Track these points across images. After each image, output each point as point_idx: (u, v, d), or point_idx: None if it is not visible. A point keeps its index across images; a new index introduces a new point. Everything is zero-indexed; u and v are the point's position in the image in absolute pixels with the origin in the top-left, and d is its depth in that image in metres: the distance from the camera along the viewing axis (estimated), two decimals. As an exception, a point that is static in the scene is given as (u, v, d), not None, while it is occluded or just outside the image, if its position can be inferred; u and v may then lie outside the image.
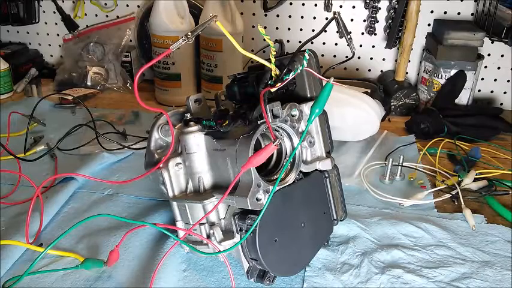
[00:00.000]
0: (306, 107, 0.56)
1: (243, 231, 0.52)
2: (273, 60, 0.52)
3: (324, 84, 0.54)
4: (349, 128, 0.90)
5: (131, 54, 1.31)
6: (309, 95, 0.59)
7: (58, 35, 1.38)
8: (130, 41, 1.33)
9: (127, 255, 0.61)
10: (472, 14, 1.21)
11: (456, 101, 1.13)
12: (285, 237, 0.53)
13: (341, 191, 0.63)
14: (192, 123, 0.58)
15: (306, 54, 0.54)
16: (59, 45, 1.40)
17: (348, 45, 0.57)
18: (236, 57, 1.20)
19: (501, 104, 1.28)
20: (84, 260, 0.58)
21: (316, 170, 0.59)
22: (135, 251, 0.62)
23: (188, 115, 0.59)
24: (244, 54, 0.52)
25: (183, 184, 0.59)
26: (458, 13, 1.22)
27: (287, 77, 0.52)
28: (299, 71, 0.53)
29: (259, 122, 0.52)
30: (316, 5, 1.28)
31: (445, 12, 1.22)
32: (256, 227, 0.50)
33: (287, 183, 0.54)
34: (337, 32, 0.57)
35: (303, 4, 1.29)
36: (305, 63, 0.53)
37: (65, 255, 0.60)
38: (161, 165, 0.59)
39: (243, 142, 0.51)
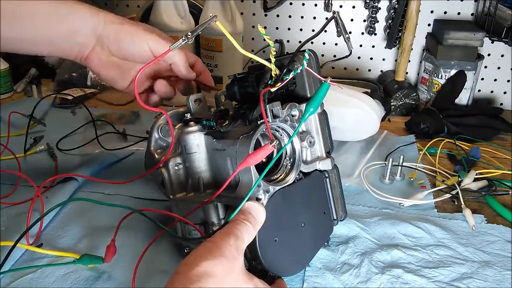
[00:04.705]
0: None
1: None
2: (273, 60, 0.52)
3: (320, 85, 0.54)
4: (349, 128, 0.90)
5: (131, 54, 1.30)
6: (309, 95, 0.59)
7: (58, 35, 1.39)
8: (131, 41, 1.33)
9: (127, 255, 0.61)
10: (472, 14, 1.22)
11: (456, 101, 1.13)
12: (285, 237, 0.53)
13: (341, 191, 0.63)
14: (192, 123, 0.58)
15: (306, 54, 0.54)
16: (59, 45, 1.40)
17: (346, 43, 0.57)
18: (236, 57, 1.21)
19: (501, 104, 1.29)
20: (82, 255, 0.58)
21: (316, 170, 0.59)
22: (135, 250, 0.62)
23: (188, 115, 0.59)
24: (244, 54, 0.52)
25: (183, 184, 0.59)
26: (458, 13, 1.22)
27: (287, 77, 0.52)
28: (299, 71, 0.53)
29: (259, 122, 0.52)
30: (316, 5, 1.28)
31: (445, 12, 1.22)
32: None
33: (287, 183, 0.54)
34: (337, 31, 0.57)
35: (303, 4, 1.29)
36: (305, 63, 0.53)
37: (64, 255, 0.60)
38: (161, 165, 0.59)
39: (243, 142, 0.51)
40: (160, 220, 0.57)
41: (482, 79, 1.26)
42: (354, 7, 1.27)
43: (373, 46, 1.30)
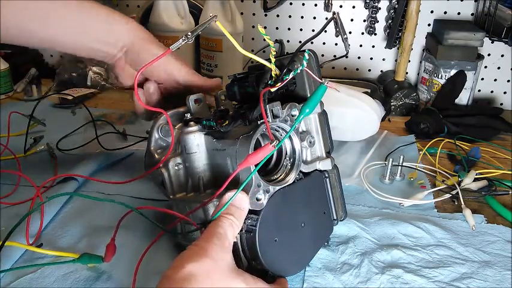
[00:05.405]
0: (305, 108, 0.56)
1: (243, 231, 0.52)
2: (273, 60, 0.52)
3: (317, 87, 0.54)
4: (349, 128, 0.90)
5: (131, 54, 1.30)
6: (309, 95, 0.59)
7: (58, 35, 1.38)
8: (130, 41, 1.32)
9: (127, 255, 0.61)
10: (472, 14, 1.22)
11: (456, 101, 1.13)
12: (285, 237, 0.53)
13: (341, 191, 0.63)
14: (192, 123, 0.58)
15: (306, 54, 0.53)
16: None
17: (344, 43, 0.57)
18: (236, 57, 1.21)
19: (501, 104, 1.29)
20: (81, 254, 0.58)
21: (316, 170, 0.59)
22: (135, 250, 0.62)
23: (188, 115, 0.59)
24: (244, 54, 0.52)
25: (183, 184, 0.59)
26: (458, 13, 1.22)
27: (287, 77, 0.52)
28: (299, 71, 0.53)
29: (259, 122, 0.52)
30: (316, 5, 1.28)
31: (445, 12, 1.23)
32: (255, 226, 0.50)
33: (287, 183, 0.54)
34: (335, 31, 0.57)
35: (303, 4, 1.29)
36: (305, 63, 0.53)
37: (63, 255, 0.60)
38: (161, 165, 0.59)
39: (243, 142, 0.51)
40: (159, 219, 0.57)
41: (482, 79, 1.26)
42: (354, 7, 1.27)
43: (373, 46, 1.30)
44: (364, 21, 1.28)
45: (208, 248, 0.44)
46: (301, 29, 1.32)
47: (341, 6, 1.27)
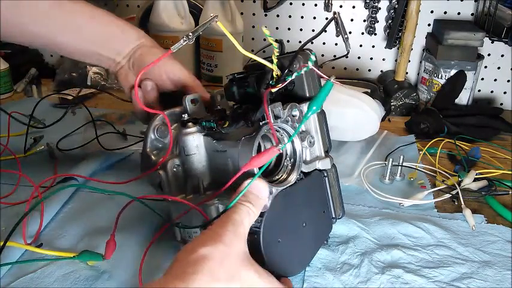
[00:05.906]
0: (306, 107, 0.56)
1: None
2: (275, 60, 0.52)
3: (324, 83, 0.54)
4: (349, 128, 0.90)
5: (131, 54, 1.30)
6: (307, 95, 0.58)
7: (58, 35, 1.38)
8: (130, 41, 1.32)
9: (127, 254, 0.61)
10: (472, 14, 1.22)
11: (456, 101, 1.13)
12: (287, 238, 0.53)
13: (339, 189, 0.63)
14: (190, 124, 0.57)
15: (312, 56, 0.53)
16: (59, 45, 1.40)
17: (345, 43, 0.57)
18: (236, 57, 1.21)
19: (501, 104, 1.29)
20: (81, 252, 0.58)
21: (315, 169, 0.59)
22: (135, 249, 0.62)
23: (185, 115, 0.59)
24: (245, 54, 0.52)
25: (182, 186, 0.59)
26: (458, 13, 1.22)
27: (289, 78, 0.52)
28: (303, 72, 0.52)
29: (261, 123, 0.51)
30: (316, 5, 1.28)
31: (445, 12, 1.22)
32: (259, 228, 0.50)
33: (289, 184, 0.54)
34: (336, 31, 0.57)
35: (303, 4, 1.29)
36: (310, 64, 0.52)
37: (63, 255, 0.60)
38: (159, 167, 0.58)
39: (245, 144, 0.50)
40: (159, 220, 0.57)
41: (482, 79, 1.26)
42: (354, 7, 1.27)
43: (373, 46, 1.30)
44: (364, 21, 1.28)
45: (222, 234, 0.43)
46: (301, 29, 1.32)
47: (341, 6, 1.27)
